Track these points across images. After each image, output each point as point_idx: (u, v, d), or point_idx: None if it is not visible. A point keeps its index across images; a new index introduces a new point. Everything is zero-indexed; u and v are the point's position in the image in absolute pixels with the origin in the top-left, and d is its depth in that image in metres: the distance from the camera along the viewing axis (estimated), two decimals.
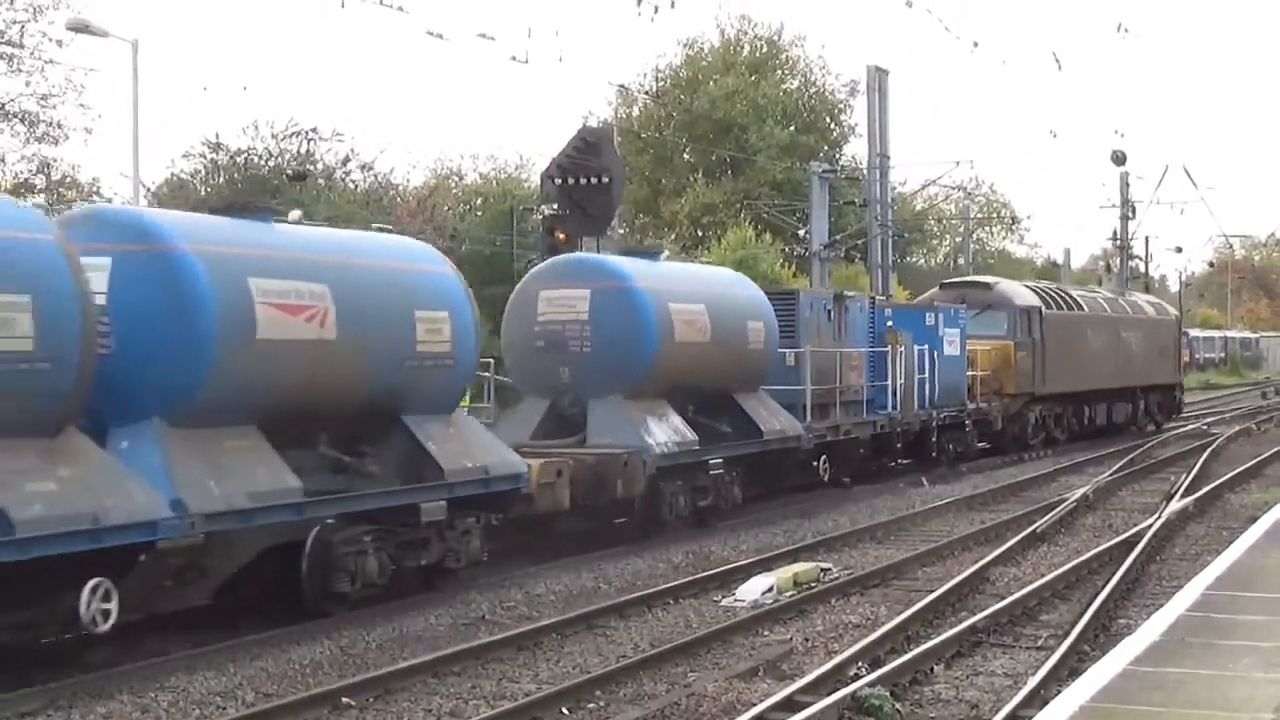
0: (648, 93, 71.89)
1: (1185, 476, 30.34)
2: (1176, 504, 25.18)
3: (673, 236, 67.55)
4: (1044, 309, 39.02)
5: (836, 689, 12.27)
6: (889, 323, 31.51)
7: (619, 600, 17.12)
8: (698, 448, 22.96)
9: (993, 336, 36.99)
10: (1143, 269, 75.17)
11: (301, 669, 13.94)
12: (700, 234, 67.32)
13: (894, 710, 11.90)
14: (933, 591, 17.08)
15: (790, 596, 17.33)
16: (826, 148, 71.39)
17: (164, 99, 77.13)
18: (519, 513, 19.11)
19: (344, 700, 12.53)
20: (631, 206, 67.03)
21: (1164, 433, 46.07)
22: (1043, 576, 18.27)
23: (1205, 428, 48.01)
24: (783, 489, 27.32)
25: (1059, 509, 24.87)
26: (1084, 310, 42.37)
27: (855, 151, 71.02)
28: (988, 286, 39.83)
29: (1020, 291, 39.79)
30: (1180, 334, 54.46)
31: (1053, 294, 41.36)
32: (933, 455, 32.84)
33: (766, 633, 15.56)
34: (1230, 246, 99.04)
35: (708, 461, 23.22)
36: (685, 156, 72.42)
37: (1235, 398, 73.55)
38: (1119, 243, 68.78)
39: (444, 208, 58.55)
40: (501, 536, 19.08)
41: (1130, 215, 67.19)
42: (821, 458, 27.64)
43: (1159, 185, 69.17)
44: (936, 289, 40.61)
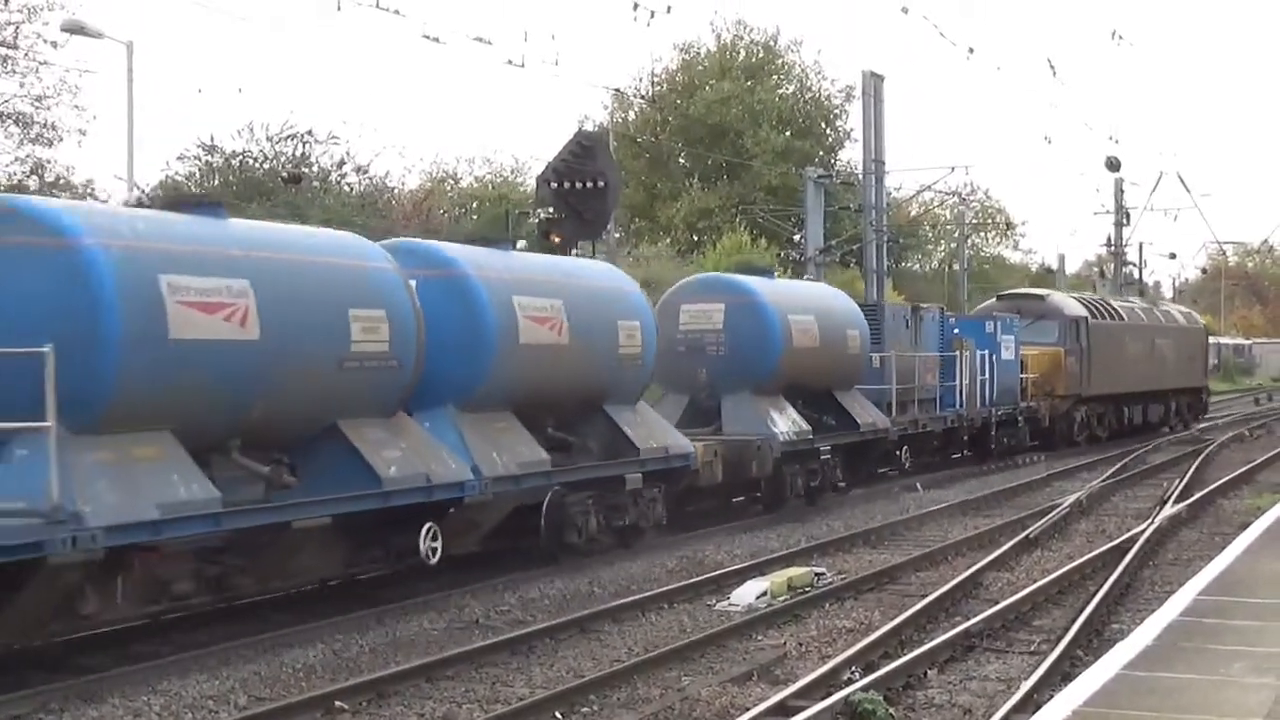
0: (643, 97, 71.98)
1: (1178, 482, 30.39)
2: (1169, 509, 25.21)
3: (668, 241, 67.60)
4: (1090, 319, 42.85)
5: (830, 693, 12.27)
6: (955, 331, 36.12)
7: (613, 604, 17.12)
8: (811, 437, 26.93)
9: (1044, 343, 40.86)
10: (1137, 275, 75.21)
11: (294, 672, 13.93)
12: (696, 239, 67.41)
13: (887, 715, 11.89)
14: (926, 596, 17.08)
15: (784, 601, 17.33)
16: (822, 153, 71.54)
17: (159, 101, 77.28)
18: (687, 485, 23.00)
19: (337, 704, 12.52)
20: (627, 211, 67.10)
21: (1188, 430, 49.81)
22: (1036, 581, 18.27)
23: (1198, 433, 48.05)
24: (872, 474, 31.19)
25: (1052, 514, 24.89)
26: (1124, 320, 46.36)
27: (850, 157, 71.15)
28: (1040, 298, 44.00)
29: (1069, 303, 43.70)
30: (1206, 341, 58.61)
31: (1097, 305, 45.30)
32: (991, 448, 36.76)
33: (760, 637, 15.56)
34: (1224, 253, 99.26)
35: (818, 448, 27.12)
36: (681, 161, 72.52)
37: (1228, 404, 73.65)
38: (1113, 249, 68.84)
39: (439, 211, 58.65)
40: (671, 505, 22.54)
41: (1124, 221, 67.23)
42: (903, 448, 31.59)
43: (1153, 191, 69.25)
44: (994, 300, 44.91)
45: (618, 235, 54.39)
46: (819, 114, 74.63)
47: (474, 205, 64.66)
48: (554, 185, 23.29)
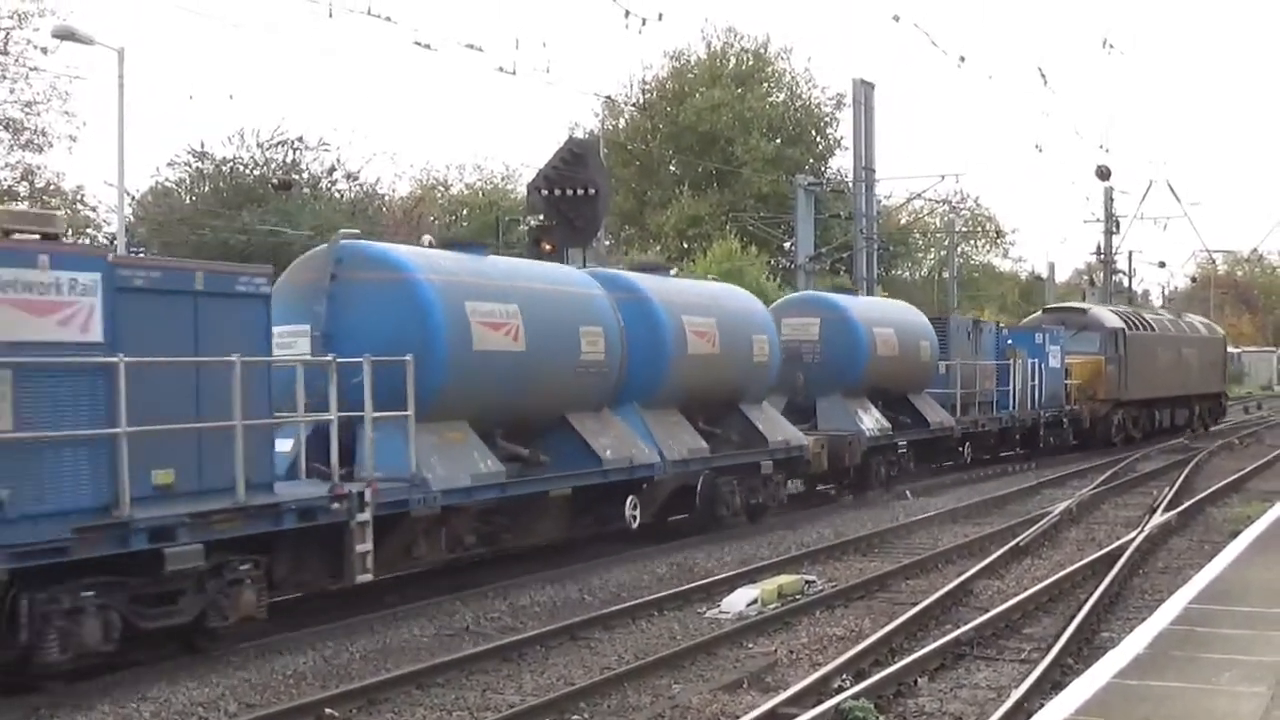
0: (634, 104, 71.98)
1: (1168, 490, 30.42)
2: (1159, 518, 25.23)
3: (658, 248, 67.59)
4: (1126, 330, 47.02)
5: (820, 701, 12.28)
6: (1009, 341, 40.54)
7: (603, 611, 17.11)
8: (892, 433, 31.27)
9: (1087, 352, 44.83)
10: (1126, 283, 75.32)
11: (285, 679, 13.91)
12: (686, 246, 67.40)
13: None
14: (917, 604, 17.09)
15: (774, 609, 17.33)
16: (812, 160, 71.55)
17: (149, 107, 77.13)
18: (801, 472, 27.93)
19: (327, 711, 12.51)
20: (617, 218, 67.12)
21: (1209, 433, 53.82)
22: (1026, 590, 18.28)
23: (1187, 442, 48.13)
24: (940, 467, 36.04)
25: (1042, 522, 24.91)
26: (1155, 331, 50.82)
27: (841, 164, 71.27)
28: (1083, 311, 48.25)
29: (1108, 316, 47.85)
30: (1225, 350, 63.06)
31: (1132, 317, 49.66)
32: (1039, 445, 40.72)
33: (750, 645, 15.56)
34: (1213, 262, 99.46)
35: (896, 443, 31.56)
36: (671, 168, 72.53)
37: None
38: (1103, 257, 69.01)
39: (430, 218, 58.59)
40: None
41: (1114, 230, 67.42)
42: (965, 444, 36.50)
43: (1143, 200, 69.67)
44: (1040, 313, 49.48)
45: (608, 242, 54.44)
46: (809, 122, 74.68)
47: (464, 212, 64.60)
48: (545, 192, 23.30)
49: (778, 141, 70.93)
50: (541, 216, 23.28)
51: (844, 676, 13.41)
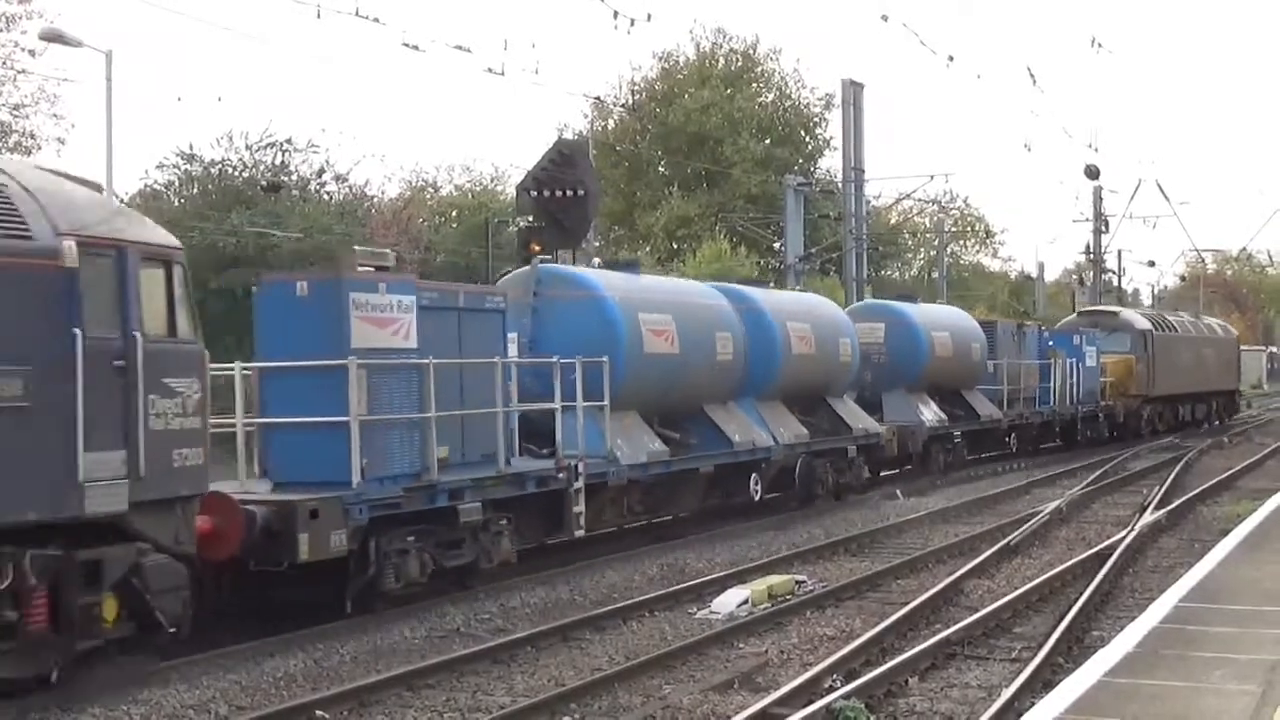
0: (623, 105, 71.95)
1: (1158, 489, 30.47)
2: (1149, 517, 25.28)
3: (647, 249, 67.56)
4: (1154, 331, 51.07)
5: (811, 701, 12.28)
6: (1050, 342, 44.38)
7: (594, 613, 17.12)
8: (948, 424, 35.78)
9: (1119, 352, 48.83)
10: (1116, 282, 75.40)
11: (275, 681, 13.90)
12: (675, 247, 67.39)
13: None
14: (907, 604, 17.10)
15: (765, 609, 17.35)
16: (801, 161, 71.54)
17: (138, 109, 76.94)
18: (877, 457, 31.42)
19: (318, 713, 12.50)
20: (606, 219, 67.07)
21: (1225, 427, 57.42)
22: (1017, 589, 18.30)
23: (1177, 440, 48.20)
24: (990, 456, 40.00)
25: (1033, 522, 24.95)
26: (1178, 332, 54.79)
27: (830, 165, 71.29)
28: (1114, 314, 52.90)
29: (1137, 318, 52.50)
30: (1239, 350, 67.69)
31: (1158, 319, 54.07)
32: (1077, 438, 44.90)
33: (741, 645, 15.56)
34: (1202, 261, 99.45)
35: (952, 433, 36.00)
36: (660, 169, 72.51)
37: None
38: (1092, 256, 69.10)
39: (419, 220, 58.50)
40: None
41: (1104, 229, 67.52)
42: (1011, 434, 41.17)
43: (1132, 199, 69.36)
44: (1075, 315, 53.57)
45: (597, 243, 54.34)
46: (798, 122, 74.63)
47: (453, 214, 64.47)
48: (534, 193, 23.27)
49: (767, 142, 70.92)
50: (530, 218, 23.24)
51: (835, 676, 13.41)
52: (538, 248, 22.76)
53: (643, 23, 30.60)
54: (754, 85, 74.49)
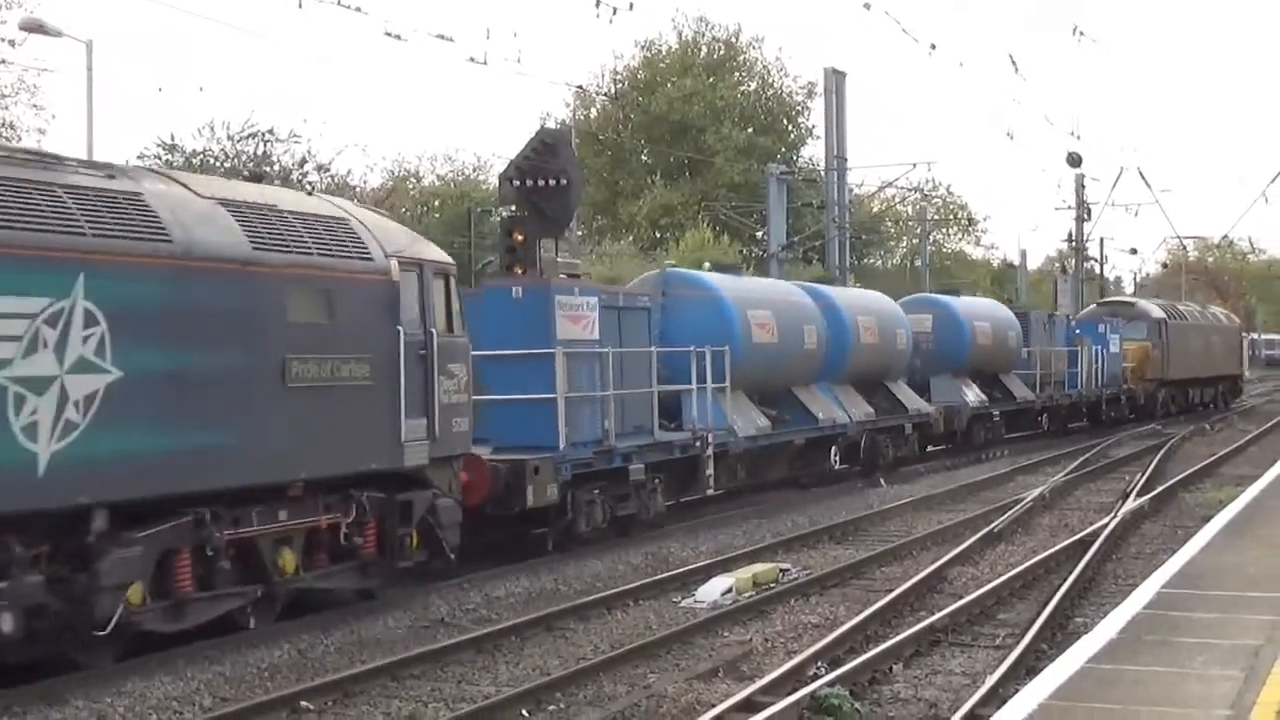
0: (606, 94, 71.88)
1: (1140, 476, 30.55)
2: (1132, 503, 25.33)
3: (630, 238, 67.51)
4: (1168, 320, 55.12)
5: (796, 689, 12.28)
6: (1077, 330, 48.64)
7: (578, 602, 17.11)
8: (988, 405, 39.41)
9: (1137, 339, 52.78)
10: (1098, 270, 75.51)
11: (259, 672, 13.87)
12: (658, 236, 67.36)
13: (853, 710, 11.91)
14: (891, 591, 17.12)
15: (749, 597, 17.35)
16: (784, 149, 71.55)
17: (119, 100, 76.60)
18: (927, 434, 35.84)
19: (302, 704, 12.47)
20: (589, 208, 67.05)
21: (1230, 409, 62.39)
22: (1000, 576, 18.33)
23: (1160, 427, 48.32)
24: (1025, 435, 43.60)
25: (1016, 509, 24.99)
26: (1188, 321, 58.81)
27: (813, 153, 71.28)
28: (1132, 304, 57.87)
29: (1153, 308, 56.58)
30: (1242, 337, 72.50)
31: (1171, 309, 58.07)
32: (1102, 418, 48.79)
33: (726, 633, 15.57)
34: (1184, 248, 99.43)
35: (992, 413, 39.69)
36: (643, 158, 72.49)
37: None
38: (1074, 244, 69.14)
39: (401, 209, 58.40)
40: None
41: (1086, 217, 67.55)
42: (1043, 414, 44.72)
43: (1114, 187, 69.57)
44: (1095, 306, 58.56)
45: (580, 233, 54.29)
46: (781, 111, 74.66)
47: (436, 204, 64.41)
48: (516, 183, 23.17)
49: (749, 131, 70.92)
50: (513, 207, 23.14)
51: (819, 664, 13.43)
52: (520, 237, 22.68)
53: (625, 11, 30.62)
54: (736, 74, 74.51)
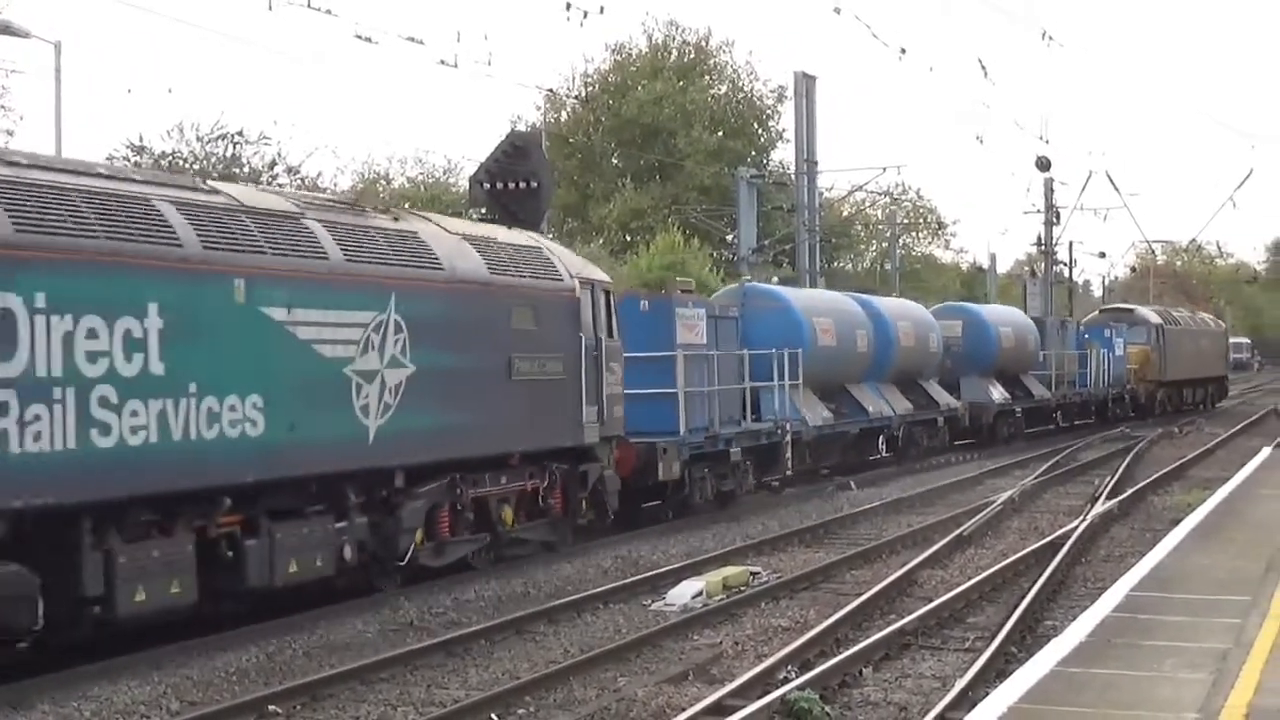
0: (576, 97, 71.77)
1: (1109, 479, 30.64)
2: (1101, 506, 25.40)
3: (600, 241, 67.41)
4: (1164, 326, 59.57)
5: (766, 692, 12.28)
6: (1086, 335, 54.18)
7: (548, 605, 17.08)
8: (1011, 402, 43.86)
9: (1139, 343, 57.31)
10: (1067, 274, 75.71)
11: (227, 676, 13.81)
12: (629, 239, 67.22)
13: (823, 713, 11.92)
14: (861, 594, 17.14)
15: (719, 601, 17.34)
16: (754, 153, 71.45)
17: (87, 101, 76.18)
18: (956, 429, 40.50)
19: (270, 708, 12.42)
20: (560, 211, 66.83)
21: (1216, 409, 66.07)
22: (970, 579, 18.36)
23: (1128, 430, 48.49)
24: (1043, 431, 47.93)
25: (985, 512, 25.04)
26: (1182, 326, 63.25)
27: (783, 157, 71.07)
28: (1132, 311, 61.59)
29: (1150, 314, 60.89)
30: (1227, 341, 77.97)
31: (1167, 316, 62.79)
32: (1108, 415, 53.48)
33: (696, 637, 15.56)
34: (1152, 252, 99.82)
35: (1014, 409, 44.14)
36: (613, 161, 72.31)
37: None
38: (1043, 248, 69.21)
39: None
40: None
41: (1055, 221, 67.54)
42: (1058, 411, 49.79)
43: (1083, 191, 69.21)
44: (1098, 313, 62.78)
45: (551, 235, 54.20)
46: (751, 114, 74.52)
47: (406, 206, 64.23)
48: (487, 186, 23.13)
49: (720, 134, 70.78)
50: (483, 210, 23.10)
51: (789, 668, 13.43)
52: None
53: (595, 15, 30.57)
54: (706, 77, 74.34)
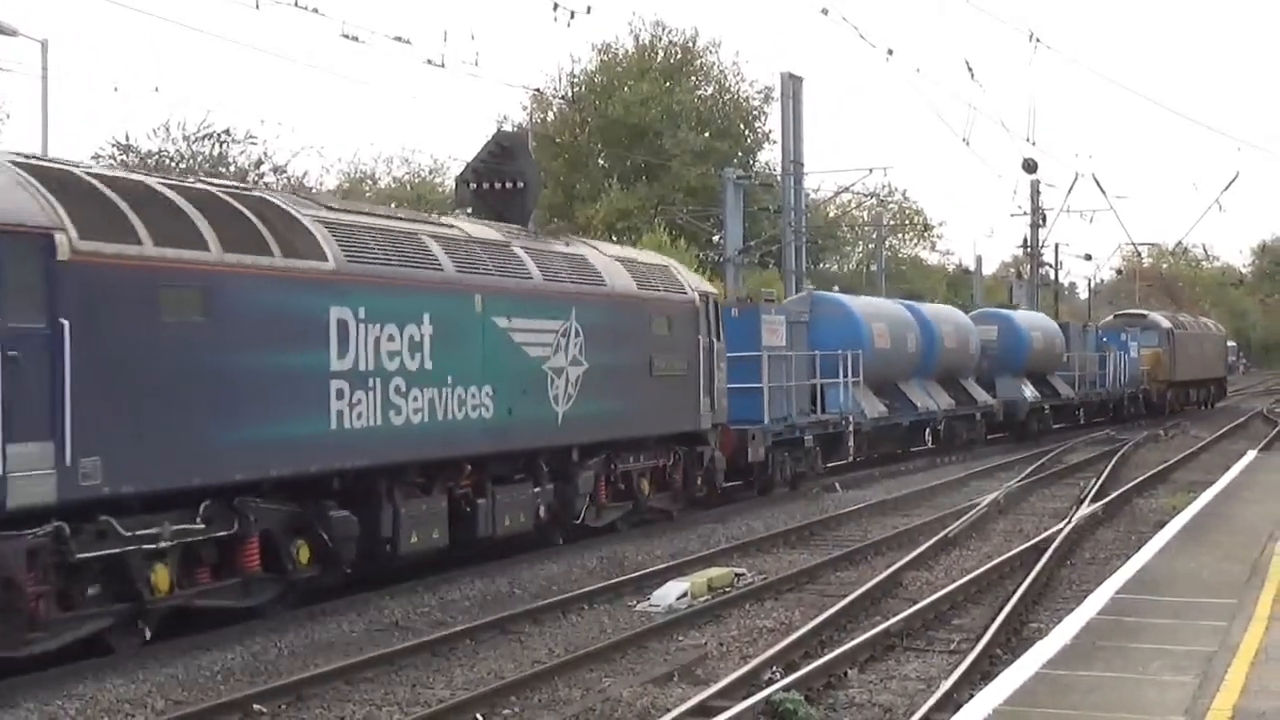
0: (562, 98, 71.72)
1: (1094, 482, 30.68)
2: (1086, 509, 25.42)
3: None
4: (1174, 330, 63.61)
5: (751, 694, 12.29)
6: (1104, 339, 57.58)
7: (534, 605, 17.07)
8: (1040, 400, 47.59)
9: (1151, 346, 61.21)
10: (1053, 276, 75.82)
11: (212, 675, 13.78)
12: (615, 239, 67.11)
13: (808, 715, 11.92)
14: (846, 596, 17.13)
15: (705, 601, 17.34)
16: (741, 154, 71.45)
17: (74, 99, 76.00)
18: (991, 424, 44.44)
19: (255, 707, 12.40)
20: (546, 211, 66.73)
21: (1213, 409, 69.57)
22: (955, 581, 18.36)
23: (1113, 434, 48.57)
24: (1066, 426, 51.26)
25: (971, 514, 25.05)
26: (1188, 330, 67.39)
27: (769, 158, 71.06)
28: (1144, 316, 65.49)
29: (1162, 319, 64.80)
30: (1226, 344, 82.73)
31: (1176, 320, 66.85)
32: (1123, 415, 56.91)
33: (681, 638, 15.55)
34: (1138, 254, 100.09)
35: (1043, 407, 47.95)
36: (600, 162, 72.27)
37: None
38: (1029, 250, 69.35)
39: None
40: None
41: (1041, 223, 67.69)
42: (1080, 409, 53.32)
43: (1069, 193, 69.34)
44: (1112, 318, 66.18)
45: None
46: (738, 115, 74.52)
47: (392, 205, 64.14)
48: (473, 186, 23.10)
49: (706, 135, 70.78)
50: (470, 210, 23.08)
51: (774, 669, 13.42)
52: None
53: (582, 15, 30.48)
54: (693, 78, 74.33)
